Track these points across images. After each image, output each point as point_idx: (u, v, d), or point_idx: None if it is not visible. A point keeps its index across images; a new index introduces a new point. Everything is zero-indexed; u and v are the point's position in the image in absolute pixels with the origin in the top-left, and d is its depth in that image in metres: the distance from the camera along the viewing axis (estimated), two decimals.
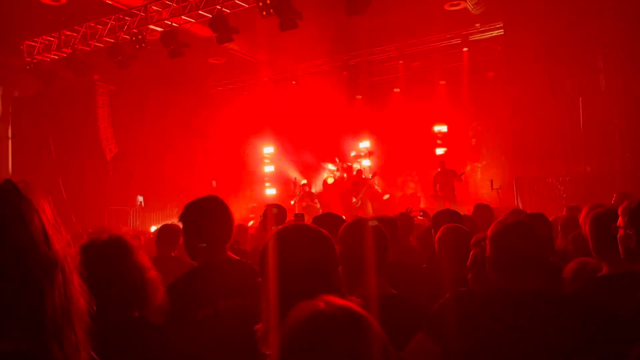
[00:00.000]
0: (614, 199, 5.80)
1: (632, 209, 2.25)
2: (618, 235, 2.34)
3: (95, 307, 1.06)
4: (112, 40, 12.40)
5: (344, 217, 3.70)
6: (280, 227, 1.64)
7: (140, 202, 16.02)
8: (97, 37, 12.64)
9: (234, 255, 2.43)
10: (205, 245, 2.34)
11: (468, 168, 13.98)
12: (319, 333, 0.91)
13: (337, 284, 1.55)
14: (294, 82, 16.75)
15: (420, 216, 7.27)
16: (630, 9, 9.58)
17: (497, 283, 1.95)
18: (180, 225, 2.43)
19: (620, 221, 2.32)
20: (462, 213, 5.16)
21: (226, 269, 2.32)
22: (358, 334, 0.92)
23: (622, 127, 9.68)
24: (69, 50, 12.89)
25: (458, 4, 11.65)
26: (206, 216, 2.37)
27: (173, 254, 4.61)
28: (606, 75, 10.04)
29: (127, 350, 1.69)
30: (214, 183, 15.94)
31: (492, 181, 11.61)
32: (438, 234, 3.19)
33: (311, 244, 1.58)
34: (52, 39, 13.16)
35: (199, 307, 2.15)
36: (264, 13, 10.27)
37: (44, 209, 1.04)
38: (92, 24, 12.60)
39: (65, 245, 1.04)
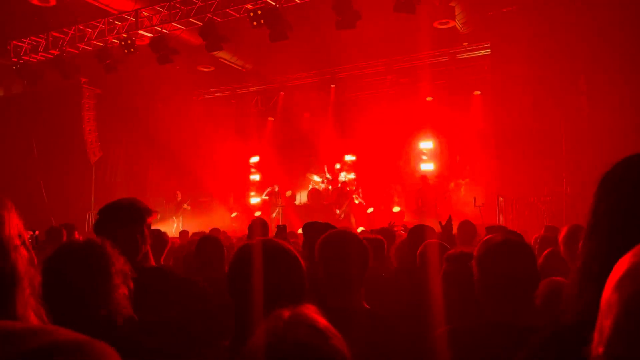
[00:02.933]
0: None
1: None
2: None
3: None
4: (101, 44, 12.34)
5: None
6: (252, 242, 1.66)
7: None
8: (85, 40, 12.57)
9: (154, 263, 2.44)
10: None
11: (452, 184, 14.09)
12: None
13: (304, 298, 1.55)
14: (282, 93, 16.83)
15: (403, 231, 7.30)
16: (613, 33, 9.80)
17: (487, 312, 1.85)
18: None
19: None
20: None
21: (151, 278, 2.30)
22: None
23: (603, 149, 9.84)
24: (56, 52, 12.81)
25: (447, 23, 11.82)
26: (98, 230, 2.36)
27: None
28: (589, 97, 10.24)
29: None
30: (181, 197, 15.84)
31: (475, 198, 11.71)
32: (420, 249, 3.21)
33: (282, 261, 1.60)
34: (40, 40, 13.06)
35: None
36: (255, 23, 10.32)
37: (4, 220, 0.98)
38: (81, 27, 12.54)
39: (26, 262, 0.97)
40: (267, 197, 15.67)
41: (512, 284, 1.79)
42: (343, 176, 15.76)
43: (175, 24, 11.70)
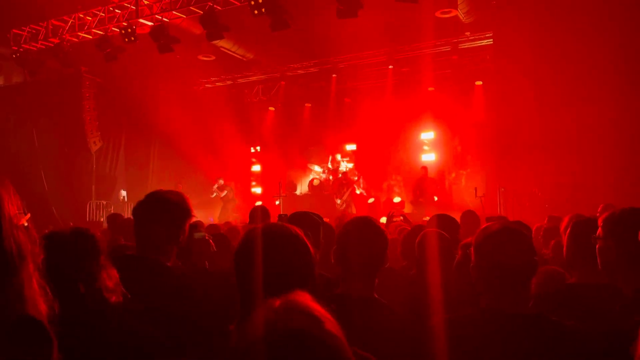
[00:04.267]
0: (599, 209, 5.82)
1: (614, 221, 2.23)
2: (597, 246, 2.34)
3: (56, 307, 1.01)
4: (101, 33, 12.28)
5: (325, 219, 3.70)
6: (258, 226, 1.65)
7: (124, 196, 15.88)
8: (85, 28, 12.52)
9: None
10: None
11: (453, 175, 14.07)
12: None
13: (313, 284, 1.55)
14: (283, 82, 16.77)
15: (402, 221, 7.28)
16: (616, 24, 9.74)
17: (485, 299, 1.87)
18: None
19: (599, 232, 2.32)
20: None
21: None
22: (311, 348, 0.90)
23: (607, 138, 9.81)
24: (56, 40, 12.74)
25: (449, 12, 11.74)
26: (139, 214, 2.35)
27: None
28: (591, 88, 10.18)
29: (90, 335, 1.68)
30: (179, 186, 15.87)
31: (476, 189, 11.69)
32: (418, 238, 3.21)
33: (288, 244, 1.59)
34: (40, 29, 13.00)
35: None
36: (256, 12, 10.26)
37: (3, 198, 1.00)
38: (82, 15, 12.47)
39: (28, 241, 1.00)
40: (216, 193, 15.52)
41: (509, 271, 1.79)
42: (344, 166, 15.75)
43: (176, 13, 11.63)
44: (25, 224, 1.01)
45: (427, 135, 15.03)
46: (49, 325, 0.96)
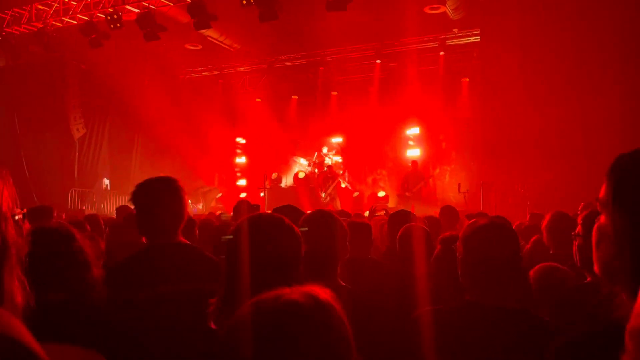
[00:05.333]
0: (580, 208, 5.92)
1: (593, 218, 2.26)
2: (576, 243, 2.38)
3: (33, 302, 1.00)
4: (86, 18, 12.09)
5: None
6: (252, 215, 1.66)
7: (106, 185, 15.71)
8: (70, 13, 12.31)
9: (184, 240, 2.40)
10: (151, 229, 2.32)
11: (437, 170, 14.16)
12: (290, 323, 0.89)
13: (301, 275, 1.57)
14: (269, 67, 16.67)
15: (385, 215, 7.37)
16: (603, 23, 9.85)
17: (469, 292, 1.87)
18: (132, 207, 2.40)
19: (579, 229, 2.36)
20: (428, 214, 5.29)
21: (172, 253, 2.29)
22: (327, 325, 0.91)
23: (591, 136, 9.94)
24: (40, 25, 12.52)
25: (438, 8, 11.77)
26: (154, 198, 2.31)
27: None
28: (577, 86, 10.29)
29: (62, 331, 1.68)
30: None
31: (459, 185, 11.79)
32: (400, 232, 3.23)
33: (283, 234, 1.61)
34: (23, 12, 12.75)
35: (139, 289, 2.13)
36: (244, 2, 10.18)
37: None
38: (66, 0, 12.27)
39: (15, 232, 0.98)
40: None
41: (495, 266, 1.80)
42: (329, 160, 15.76)
43: (163, 0, 11.50)
44: (18, 218, 1.00)
45: (413, 130, 15.09)
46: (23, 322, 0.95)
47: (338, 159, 15.87)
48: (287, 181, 16.31)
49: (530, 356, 1.67)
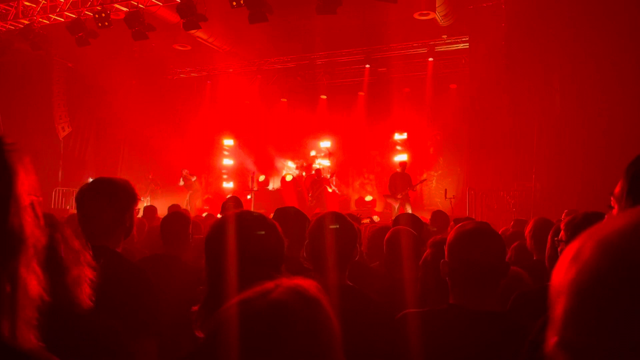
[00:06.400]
0: (563, 215, 5.98)
1: (575, 224, 2.29)
2: (559, 249, 2.40)
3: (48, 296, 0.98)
4: (74, 16, 11.97)
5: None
6: (233, 212, 1.65)
7: None
8: (57, 10, 12.17)
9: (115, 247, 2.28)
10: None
11: (424, 176, 14.24)
12: (276, 324, 0.88)
13: (283, 271, 1.57)
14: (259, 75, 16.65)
15: (369, 222, 7.44)
16: (588, 32, 9.97)
17: (453, 296, 1.88)
18: None
19: (562, 235, 2.38)
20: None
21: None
22: (314, 319, 0.90)
23: (573, 146, 10.06)
24: (26, 21, 12.37)
25: (427, 14, 11.83)
26: (85, 201, 2.21)
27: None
28: (562, 95, 10.41)
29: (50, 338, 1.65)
30: (152, 177, 15.68)
31: (446, 190, 11.86)
32: (387, 235, 3.23)
33: (265, 229, 1.62)
34: (10, 8, 12.59)
35: None
36: (234, 3, 10.15)
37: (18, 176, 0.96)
38: None
39: (33, 223, 0.96)
40: (183, 182, 15.32)
41: (480, 270, 1.81)
42: (317, 163, 15.75)
43: (153, 0, 11.43)
44: (35, 206, 0.97)
45: (401, 135, 15.15)
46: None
47: (326, 162, 15.87)
48: (274, 184, 16.28)
49: (507, 358, 1.68)
